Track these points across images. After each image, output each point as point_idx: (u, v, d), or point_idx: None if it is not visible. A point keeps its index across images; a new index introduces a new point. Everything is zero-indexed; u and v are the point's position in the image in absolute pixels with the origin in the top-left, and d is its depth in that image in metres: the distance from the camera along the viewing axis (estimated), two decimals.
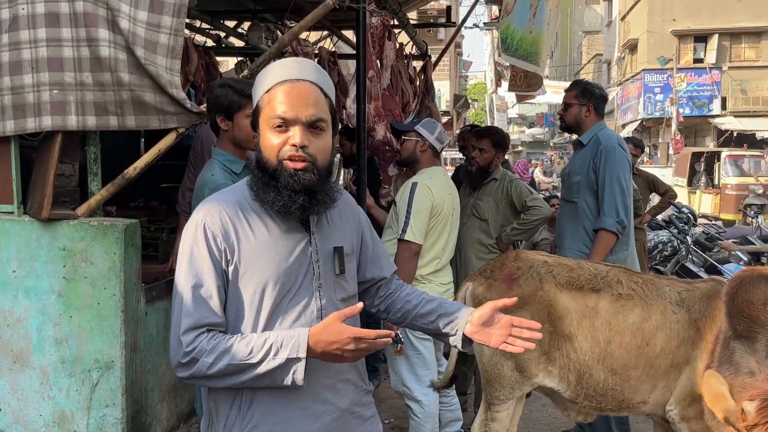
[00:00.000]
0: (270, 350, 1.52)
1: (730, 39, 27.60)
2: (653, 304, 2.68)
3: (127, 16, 2.63)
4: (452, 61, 25.89)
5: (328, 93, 1.63)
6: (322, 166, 1.59)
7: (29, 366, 2.81)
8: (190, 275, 1.56)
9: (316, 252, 1.65)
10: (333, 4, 2.81)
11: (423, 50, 6.14)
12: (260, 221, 1.62)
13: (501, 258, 3.05)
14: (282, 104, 1.56)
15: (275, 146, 1.56)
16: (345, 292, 1.71)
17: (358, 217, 1.82)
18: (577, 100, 3.71)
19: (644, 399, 2.71)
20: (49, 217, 2.74)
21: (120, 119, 2.71)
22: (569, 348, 2.72)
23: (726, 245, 6.35)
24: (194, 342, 1.52)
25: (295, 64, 1.62)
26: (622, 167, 3.53)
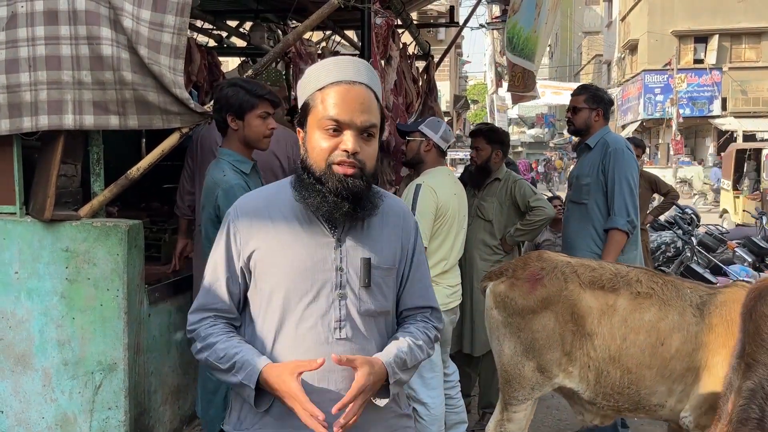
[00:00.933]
0: (233, 366, 1.54)
1: (731, 40, 27.61)
2: (672, 304, 2.66)
3: (130, 14, 2.61)
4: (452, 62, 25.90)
5: (379, 96, 1.61)
6: (370, 173, 1.55)
7: (31, 368, 2.79)
8: (210, 264, 1.65)
9: (341, 259, 1.58)
10: (338, 3, 2.79)
11: (426, 50, 6.12)
12: (286, 221, 1.59)
13: (524, 258, 3.05)
14: (336, 106, 1.51)
15: (325, 149, 1.52)
16: (369, 306, 1.61)
17: (408, 231, 1.71)
18: (587, 105, 3.79)
19: (661, 402, 2.68)
20: (51, 218, 2.71)
21: (122, 119, 2.68)
22: (589, 347, 2.72)
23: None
24: (197, 324, 1.63)
25: (351, 64, 1.58)
26: (631, 169, 3.61)
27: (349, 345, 1.57)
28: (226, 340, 1.58)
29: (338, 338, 1.56)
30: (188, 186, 3.54)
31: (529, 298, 2.77)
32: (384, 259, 1.63)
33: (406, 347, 1.61)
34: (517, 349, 2.79)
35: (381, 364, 1.54)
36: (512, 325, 2.80)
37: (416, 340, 1.65)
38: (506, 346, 2.83)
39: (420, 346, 1.66)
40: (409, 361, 1.62)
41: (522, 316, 2.78)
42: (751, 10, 26.59)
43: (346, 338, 1.57)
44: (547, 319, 2.75)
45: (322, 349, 1.54)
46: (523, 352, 2.78)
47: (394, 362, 1.57)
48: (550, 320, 2.75)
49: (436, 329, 1.74)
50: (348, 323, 1.57)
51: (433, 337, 1.72)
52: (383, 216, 1.65)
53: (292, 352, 1.56)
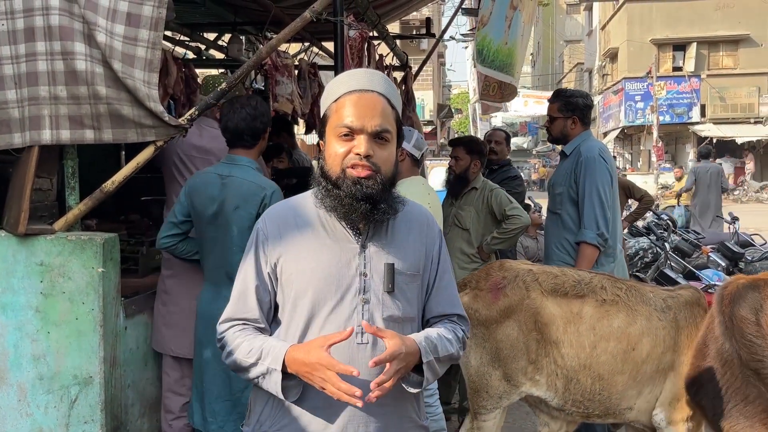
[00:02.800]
0: (261, 355, 1.57)
1: (708, 47, 28.05)
2: (638, 309, 2.72)
3: (103, 29, 2.63)
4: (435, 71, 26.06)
5: (395, 104, 1.65)
6: (386, 177, 1.60)
7: (6, 383, 2.77)
8: (240, 273, 1.69)
9: (364, 265, 1.62)
10: (310, 17, 2.82)
11: (403, 61, 6.18)
12: (311, 228, 1.64)
13: (486, 268, 3.07)
14: (349, 114, 1.58)
15: (339, 155, 1.59)
16: (393, 312, 1.63)
17: (432, 238, 1.73)
18: (561, 113, 3.67)
19: (630, 405, 2.74)
20: (25, 232, 2.71)
21: (97, 132, 2.70)
22: (556, 354, 2.74)
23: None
24: (225, 332, 1.66)
25: (364, 74, 1.66)
26: (602, 178, 3.46)
27: (370, 350, 1.59)
28: (253, 337, 1.61)
29: (359, 343, 1.59)
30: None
31: (491, 309, 2.80)
32: (408, 265, 1.66)
33: (435, 334, 1.64)
34: (483, 360, 2.83)
35: (412, 340, 1.56)
36: (477, 336, 2.84)
37: (444, 333, 1.67)
38: (472, 357, 2.86)
39: (449, 340, 1.67)
40: (440, 349, 1.63)
41: (486, 326, 2.81)
42: (727, 18, 27.06)
43: (367, 343, 1.59)
44: (510, 328, 2.78)
45: (344, 352, 1.56)
46: (489, 362, 2.81)
47: (425, 342, 1.59)
48: (513, 329, 2.78)
49: (464, 332, 1.76)
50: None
51: (461, 337, 1.73)
52: (408, 222, 1.70)
53: None
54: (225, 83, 2.91)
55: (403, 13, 6.05)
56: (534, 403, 2.94)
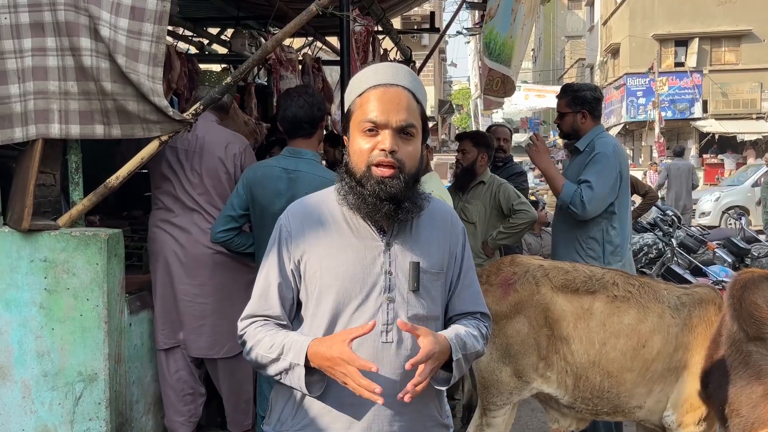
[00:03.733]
0: (283, 350, 1.55)
1: (711, 43, 27.95)
2: (650, 306, 2.68)
3: (107, 23, 2.61)
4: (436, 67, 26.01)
5: (420, 99, 1.62)
6: (410, 173, 1.57)
7: (10, 380, 2.76)
8: (262, 270, 1.67)
9: (389, 263, 1.59)
10: (316, 10, 2.80)
11: (407, 56, 6.16)
12: (335, 225, 1.62)
13: (497, 263, 3.04)
14: (373, 108, 1.55)
15: (365, 151, 1.56)
16: (418, 311, 1.61)
17: (456, 236, 1.72)
18: (570, 108, 3.59)
19: (639, 404, 2.70)
20: (29, 228, 2.69)
21: (106, 128, 2.70)
22: (566, 351, 2.71)
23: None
24: (246, 328, 1.64)
25: (389, 68, 1.62)
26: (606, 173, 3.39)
27: (395, 348, 1.57)
28: (275, 332, 1.59)
29: (384, 342, 1.57)
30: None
31: (501, 304, 2.77)
32: (433, 263, 1.64)
33: (463, 332, 1.63)
34: (494, 355, 2.80)
35: (444, 337, 1.55)
36: None
37: (471, 330, 1.66)
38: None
39: (475, 336, 1.66)
40: (468, 346, 1.62)
41: (496, 322, 2.78)
42: (730, 14, 26.97)
43: (391, 342, 1.57)
44: (520, 324, 2.75)
45: (368, 351, 1.55)
46: (499, 358, 2.79)
47: (455, 339, 1.58)
48: (523, 325, 2.75)
49: (487, 329, 1.75)
50: (395, 327, 1.57)
51: (485, 333, 1.73)
52: (431, 220, 1.67)
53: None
54: (230, 77, 2.88)
55: (406, 8, 6.02)
56: (544, 400, 2.92)
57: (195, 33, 5.81)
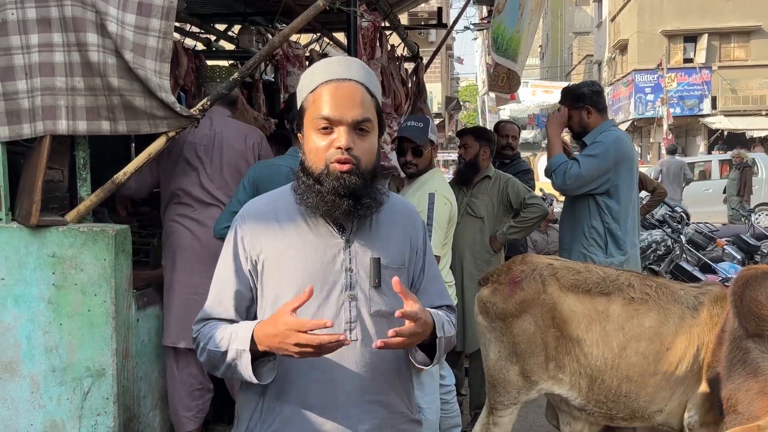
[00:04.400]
0: (230, 340, 1.50)
1: (720, 39, 27.76)
2: (670, 308, 2.63)
3: (115, 19, 2.60)
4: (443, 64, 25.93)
5: (374, 93, 1.59)
6: (367, 169, 1.54)
7: (19, 375, 2.77)
8: (217, 273, 1.63)
9: (350, 260, 1.57)
10: (323, 6, 2.79)
11: (414, 52, 6.14)
12: (293, 224, 1.58)
13: (508, 262, 3.03)
14: (326, 104, 1.51)
15: (321, 149, 1.52)
16: (381, 307, 1.58)
17: (416, 231, 1.69)
18: (574, 108, 3.68)
19: (660, 408, 2.65)
20: (37, 224, 2.70)
21: (113, 124, 2.69)
22: (578, 352, 2.67)
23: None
24: (200, 329, 1.60)
25: (341, 62, 1.58)
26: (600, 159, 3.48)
27: (360, 346, 1.55)
28: (224, 327, 1.55)
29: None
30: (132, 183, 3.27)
31: (508, 302, 2.75)
32: (394, 258, 1.62)
33: (440, 314, 1.61)
34: (501, 354, 2.78)
35: (429, 312, 1.53)
36: (495, 330, 2.80)
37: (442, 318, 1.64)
38: (491, 351, 2.83)
39: (449, 322, 1.65)
40: (446, 330, 1.60)
41: (503, 320, 2.77)
42: (739, 9, 26.76)
43: (356, 340, 1.55)
44: (527, 323, 2.72)
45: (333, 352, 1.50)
46: (506, 357, 2.77)
47: (436, 319, 1.56)
48: (530, 324, 2.72)
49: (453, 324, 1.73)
50: (359, 324, 1.55)
51: (454, 324, 1.71)
52: (391, 216, 1.65)
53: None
54: (237, 73, 2.88)
55: (413, 4, 6.00)
56: (556, 402, 2.90)
57: (202, 29, 5.81)
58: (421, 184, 3.31)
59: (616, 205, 3.53)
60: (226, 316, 1.59)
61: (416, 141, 3.28)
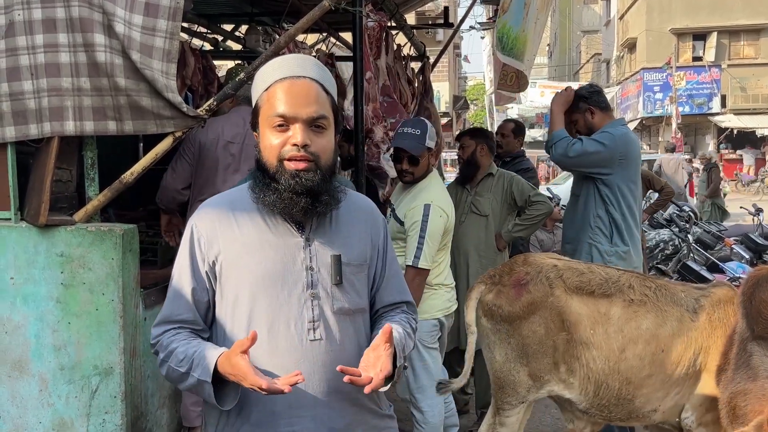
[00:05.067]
0: (191, 365, 1.49)
1: (729, 37, 27.60)
2: (668, 310, 2.63)
3: (122, 20, 2.62)
4: (451, 63, 25.91)
5: (329, 90, 1.57)
6: (325, 166, 1.53)
7: (28, 373, 2.79)
8: (174, 273, 1.61)
9: (310, 259, 1.56)
10: (329, 6, 2.79)
11: (421, 51, 6.14)
12: (251, 224, 1.56)
13: (509, 262, 3.00)
14: (281, 102, 1.51)
15: (275, 146, 1.51)
16: (344, 305, 1.58)
17: (377, 228, 1.69)
18: (577, 113, 3.73)
19: (655, 407, 2.66)
20: (46, 223, 2.72)
21: (119, 124, 2.71)
22: (588, 357, 2.66)
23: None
24: (160, 336, 1.58)
25: (295, 60, 1.57)
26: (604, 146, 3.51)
27: (324, 345, 1.54)
28: (186, 343, 1.54)
29: (312, 339, 1.53)
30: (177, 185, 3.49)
31: (515, 305, 2.74)
32: (354, 255, 1.61)
33: (402, 331, 1.61)
34: (509, 356, 2.76)
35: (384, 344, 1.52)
36: (501, 332, 2.78)
37: (405, 328, 1.64)
38: (497, 353, 2.81)
39: (408, 334, 1.65)
40: (407, 347, 1.60)
41: (509, 322, 2.75)
42: (749, 7, 26.59)
43: (320, 339, 1.54)
44: (536, 324, 2.71)
45: (297, 351, 1.51)
46: (514, 359, 2.75)
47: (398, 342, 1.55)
48: (539, 326, 2.71)
49: (415, 321, 1.74)
50: (322, 323, 1.55)
51: (414, 327, 1.71)
52: (351, 213, 1.64)
53: (266, 356, 1.51)
54: (243, 73, 2.89)
55: (420, 3, 6.00)
56: (559, 401, 2.89)
57: (209, 30, 5.83)
58: (417, 192, 3.24)
59: (621, 197, 3.57)
60: (185, 318, 1.58)
61: (412, 152, 3.21)
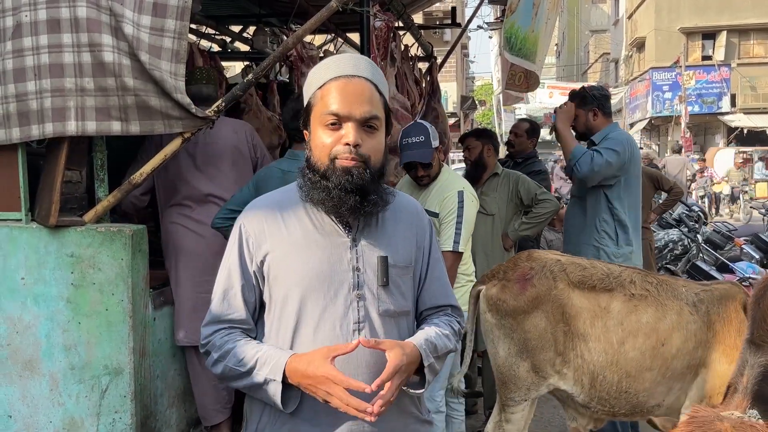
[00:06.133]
0: (256, 364, 1.49)
1: (739, 36, 27.42)
2: (668, 304, 2.66)
3: (130, 21, 2.63)
4: (459, 63, 25.86)
5: (382, 90, 1.57)
6: (375, 167, 1.53)
7: (39, 373, 2.81)
8: (222, 273, 1.60)
9: (357, 259, 1.55)
10: (336, 6, 2.80)
11: (428, 52, 6.14)
12: (298, 223, 1.57)
13: (513, 258, 3.04)
14: (335, 101, 1.51)
15: (327, 145, 1.51)
16: (389, 306, 1.57)
17: (423, 230, 1.68)
18: (581, 108, 3.77)
19: (658, 402, 2.68)
20: (56, 224, 2.74)
21: (124, 124, 2.70)
22: (583, 348, 2.70)
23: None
24: (211, 336, 1.57)
25: (350, 59, 1.57)
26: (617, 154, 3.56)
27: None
28: (244, 343, 1.55)
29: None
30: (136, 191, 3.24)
31: (519, 299, 2.77)
32: (400, 257, 1.60)
33: (434, 333, 1.59)
34: (511, 351, 2.80)
35: (412, 346, 1.52)
36: (505, 326, 2.81)
37: (442, 329, 1.63)
38: (500, 348, 2.83)
39: (447, 335, 1.63)
40: (439, 348, 1.58)
41: (514, 317, 2.78)
42: (759, 6, 26.40)
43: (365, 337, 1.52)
44: (538, 319, 2.75)
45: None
46: (517, 353, 2.79)
47: (425, 345, 1.54)
48: (541, 320, 2.75)
49: (459, 324, 1.72)
50: (367, 324, 1.54)
51: (457, 330, 1.70)
52: (397, 214, 1.63)
53: None
54: (251, 74, 2.90)
55: (427, 3, 6.00)
56: (562, 398, 2.90)
57: (217, 31, 5.86)
58: (443, 184, 3.27)
59: (626, 199, 3.63)
60: (236, 317, 1.57)
61: (423, 161, 3.23)
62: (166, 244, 3.38)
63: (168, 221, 3.36)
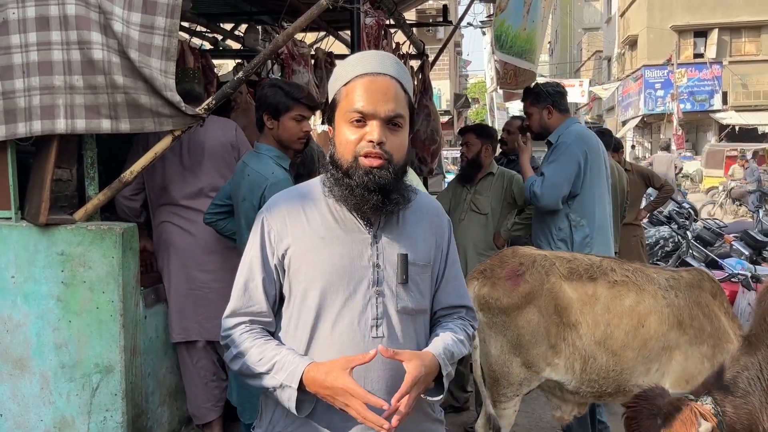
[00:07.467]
0: (273, 367, 1.50)
1: (730, 33, 27.57)
2: (645, 289, 2.80)
3: (120, 18, 2.62)
4: (452, 61, 25.89)
5: (407, 88, 1.58)
6: (398, 165, 1.53)
7: (29, 371, 2.81)
8: (243, 265, 1.61)
9: (377, 256, 1.56)
10: (326, 4, 2.80)
11: (420, 49, 6.14)
12: (320, 218, 1.57)
13: (499, 256, 3.05)
14: (360, 98, 1.51)
15: (351, 142, 1.51)
16: (407, 304, 1.57)
17: (442, 229, 1.68)
18: (535, 107, 3.64)
19: (638, 382, 2.76)
20: (46, 222, 2.73)
21: (114, 122, 2.69)
22: (575, 336, 2.77)
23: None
24: (231, 329, 1.59)
25: (376, 57, 1.57)
26: (567, 162, 3.41)
27: (385, 343, 1.53)
28: (264, 343, 1.55)
29: (374, 336, 1.53)
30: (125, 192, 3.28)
31: (513, 296, 2.80)
32: (420, 255, 1.61)
33: (450, 341, 1.60)
34: (504, 348, 2.82)
35: (431, 356, 1.51)
36: (497, 324, 2.83)
37: (458, 335, 1.64)
38: (492, 346, 2.86)
39: (462, 341, 1.64)
40: (456, 355, 1.60)
41: (507, 314, 2.80)
42: (750, 4, 26.55)
43: (382, 336, 1.54)
44: (531, 314, 2.79)
45: (358, 347, 1.51)
46: (509, 350, 2.81)
47: (444, 354, 1.55)
48: (534, 315, 2.79)
49: (473, 327, 1.72)
50: (385, 321, 1.54)
51: (471, 333, 1.71)
52: (417, 212, 1.64)
53: (327, 351, 1.52)
54: (242, 72, 2.90)
55: (418, 2, 6.00)
56: (547, 389, 2.94)
57: (209, 29, 5.84)
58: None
59: (579, 199, 3.48)
60: (257, 309, 1.58)
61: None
62: (157, 244, 3.39)
63: (159, 220, 3.37)
